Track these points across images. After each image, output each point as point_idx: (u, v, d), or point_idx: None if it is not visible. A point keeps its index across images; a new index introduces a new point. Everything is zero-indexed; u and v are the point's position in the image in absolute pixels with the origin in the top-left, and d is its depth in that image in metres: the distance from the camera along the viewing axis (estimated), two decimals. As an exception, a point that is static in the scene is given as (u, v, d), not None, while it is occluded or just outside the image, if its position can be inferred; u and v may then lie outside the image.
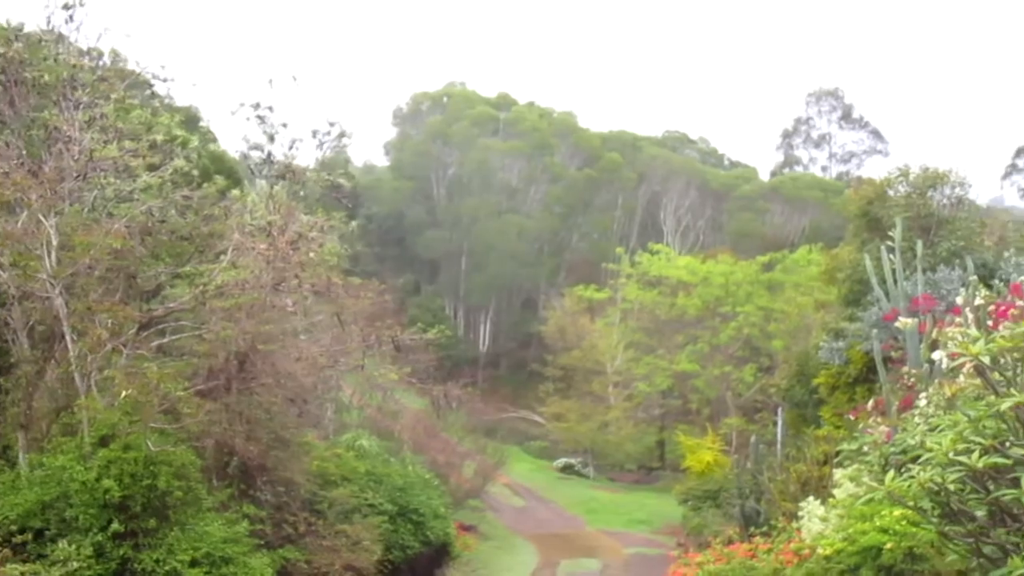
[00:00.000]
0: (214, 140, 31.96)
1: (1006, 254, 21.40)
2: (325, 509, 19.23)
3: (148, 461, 12.75)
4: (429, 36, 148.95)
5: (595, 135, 75.30)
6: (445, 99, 76.62)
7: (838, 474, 14.73)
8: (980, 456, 5.24)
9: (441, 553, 25.35)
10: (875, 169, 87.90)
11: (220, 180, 20.66)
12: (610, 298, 54.73)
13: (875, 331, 18.84)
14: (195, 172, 18.91)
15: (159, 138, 17.76)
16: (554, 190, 70.88)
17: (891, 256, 19.56)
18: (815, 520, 14.07)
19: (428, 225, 70.06)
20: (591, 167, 71.53)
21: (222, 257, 16.97)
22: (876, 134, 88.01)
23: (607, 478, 49.62)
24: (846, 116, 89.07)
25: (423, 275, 71.39)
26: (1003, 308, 14.97)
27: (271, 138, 24.96)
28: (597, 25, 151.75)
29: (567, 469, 49.99)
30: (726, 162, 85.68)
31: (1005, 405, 5.33)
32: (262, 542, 15.42)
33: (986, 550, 5.57)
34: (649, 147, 76.78)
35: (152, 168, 17.23)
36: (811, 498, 15.11)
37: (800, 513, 14.93)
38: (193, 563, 12.71)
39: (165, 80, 19.30)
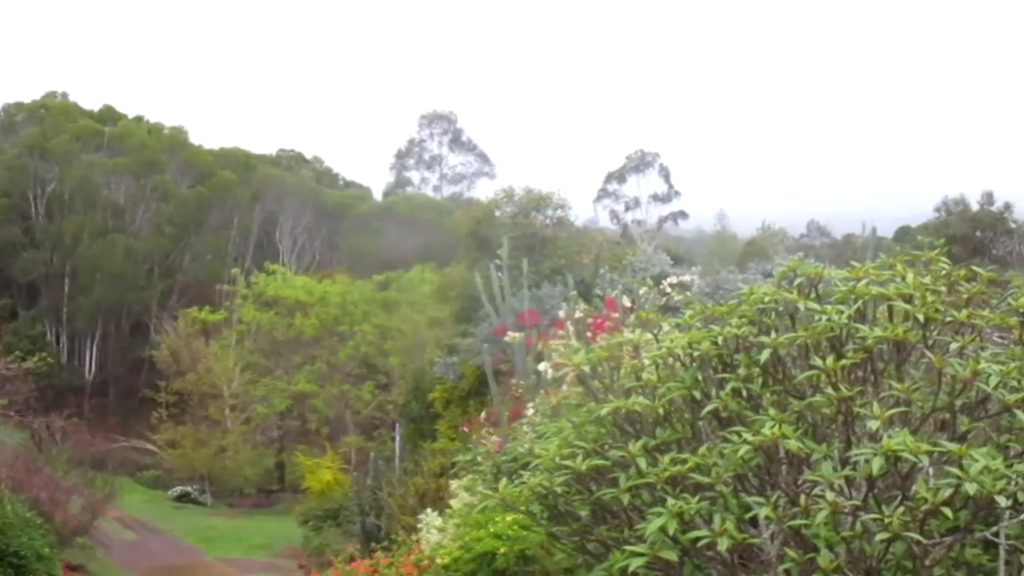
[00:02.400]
0: None
1: (601, 271, 23.17)
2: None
3: None
4: (25, 42, 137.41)
5: (207, 152, 72.91)
6: (43, 111, 70.85)
7: (454, 485, 15.19)
8: (583, 459, 5.58)
9: (47, 597, 23.30)
10: (483, 190, 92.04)
11: None
12: (226, 320, 53.24)
13: (486, 346, 19.66)
14: None
15: None
16: (164, 209, 67.71)
17: (499, 274, 20.52)
18: (433, 531, 14.39)
19: (25, 246, 64.47)
20: (203, 185, 69.15)
21: None
22: (484, 157, 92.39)
23: (226, 504, 48.12)
24: (456, 139, 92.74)
25: (20, 299, 65.52)
26: (600, 320, 16.24)
27: None
28: (205, 40, 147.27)
29: (183, 498, 47.88)
30: (341, 182, 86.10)
31: (604, 411, 5.72)
32: None
33: (590, 547, 5.94)
34: (263, 166, 75.51)
35: None
36: (429, 510, 15.44)
37: (419, 526, 15.22)
38: None
39: None
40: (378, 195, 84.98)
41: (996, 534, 5.01)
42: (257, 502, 49.34)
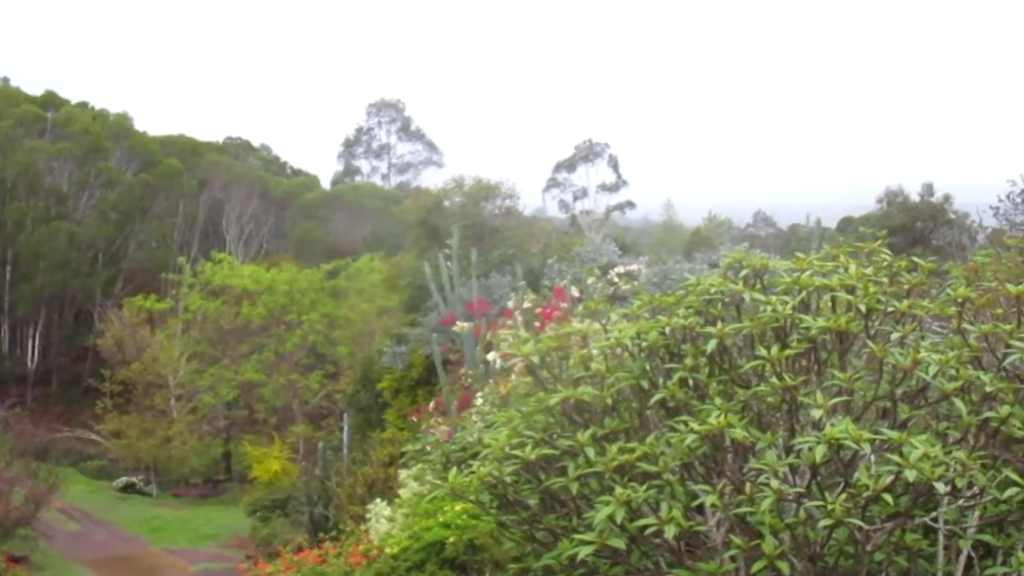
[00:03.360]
0: None
1: (549, 261, 23.24)
2: None
3: None
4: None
5: (153, 139, 71.87)
6: (-17, 96, 69.41)
7: (403, 474, 15.20)
8: (533, 449, 5.62)
9: (-14, 590, 23.03)
10: (431, 179, 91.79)
11: None
12: (172, 308, 52.60)
13: (435, 335, 19.69)
14: None
15: None
16: (109, 196, 66.66)
17: (448, 263, 20.54)
18: (382, 521, 14.40)
19: (-36, 233, 63.22)
20: (149, 172, 68.17)
21: None
22: (432, 146, 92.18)
23: (171, 494, 47.55)
24: (405, 128, 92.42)
25: (-42, 288, 64.34)
26: (548, 310, 16.32)
27: None
28: (152, 26, 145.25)
29: (128, 488, 47.24)
30: (289, 170, 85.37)
31: (554, 401, 5.77)
32: None
33: (539, 535, 5.99)
34: (210, 153, 74.60)
35: None
36: (378, 500, 15.45)
37: (368, 515, 15.22)
38: None
39: None
40: (326, 184, 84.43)
41: (935, 519, 5.14)
42: (204, 492, 48.88)
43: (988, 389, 5.11)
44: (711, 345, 5.53)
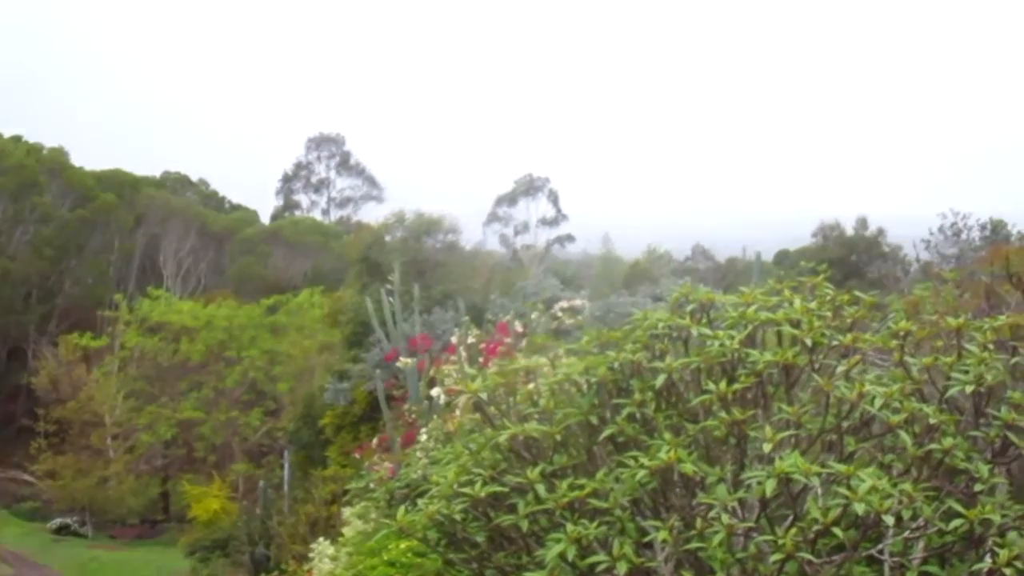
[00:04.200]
0: None
1: (493, 295, 23.26)
2: None
3: None
4: None
5: (89, 174, 70.77)
6: (-91, 131, 67.96)
7: (347, 512, 15.01)
8: (482, 486, 5.59)
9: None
10: (372, 214, 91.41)
11: None
12: (108, 346, 51.73)
13: (378, 371, 19.56)
14: None
15: None
16: (44, 231, 65.48)
17: (391, 299, 20.45)
18: (326, 560, 14.19)
19: None
20: (85, 207, 67.14)
21: None
22: (372, 180, 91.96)
23: (107, 535, 46.55)
24: (344, 162, 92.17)
25: None
26: (492, 345, 16.29)
27: None
28: (88, 60, 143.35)
29: (63, 530, 46.18)
30: (227, 205, 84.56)
31: (503, 438, 5.74)
32: None
33: (488, 574, 5.94)
34: (147, 188, 73.65)
35: None
36: (321, 539, 15.24)
37: (311, 555, 15.01)
38: None
39: None
40: (266, 218, 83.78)
41: (881, 551, 5.18)
42: (141, 533, 47.90)
43: (932, 421, 5.18)
44: (660, 380, 5.54)
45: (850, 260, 42.20)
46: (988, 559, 4.88)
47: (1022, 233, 35.18)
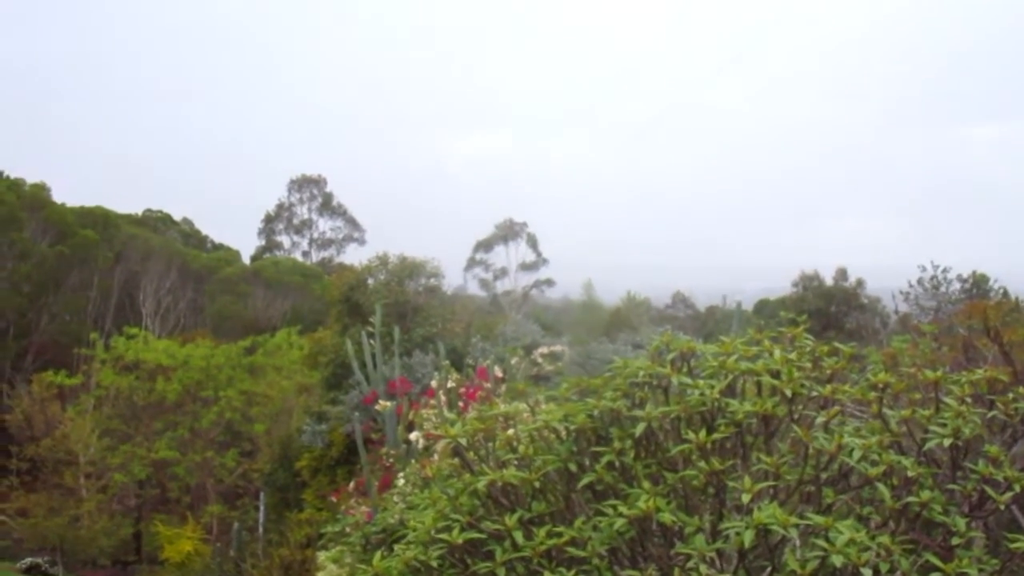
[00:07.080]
0: None
1: (473, 340, 23.25)
2: None
3: None
4: None
5: (70, 210, 70.51)
6: None
7: (321, 556, 14.85)
8: (459, 532, 5.56)
9: None
10: (353, 256, 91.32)
11: None
12: (83, 384, 51.24)
13: (356, 413, 19.47)
14: None
15: None
16: (22, 268, 65.05)
17: (371, 341, 20.39)
18: (299, 605, 14.05)
19: None
20: (64, 244, 66.86)
21: None
22: (353, 222, 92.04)
23: (78, 577, 45.91)
24: (326, 204, 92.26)
25: None
26: (472, 390, 16.26)
27: None
28: (72, 96, 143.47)
29: (32, 570, 45.32)
30: (210, 244, 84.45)
31: (481, 484, 5.72)
32: None
33: (463, 621, 5.88)
34: (128, 226, 73.47)
35: None
36: (295, 583, 15.09)
37: (284, 599, 14.84)
38: None
39: None
40: (247, 259, 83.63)
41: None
42: (112, 574, 47.18)
43: (910, 474, 5.20)
44: (639, 428, 5.54)
45: (829, 311, 42.41)
46: (965, 614, 4.87)
47: (1003, 288, 35.45)
